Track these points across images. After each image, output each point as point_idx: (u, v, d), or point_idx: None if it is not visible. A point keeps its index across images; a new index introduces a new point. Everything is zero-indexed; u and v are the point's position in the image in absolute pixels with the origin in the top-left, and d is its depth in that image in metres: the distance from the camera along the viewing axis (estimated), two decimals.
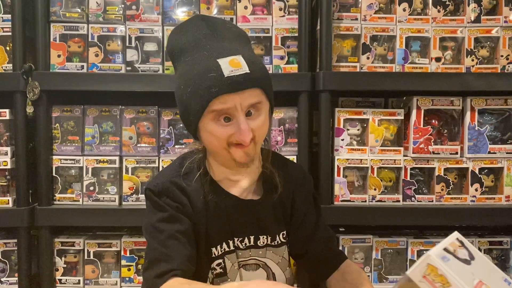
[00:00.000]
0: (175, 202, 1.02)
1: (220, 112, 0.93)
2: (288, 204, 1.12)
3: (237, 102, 0.91)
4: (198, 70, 0.92)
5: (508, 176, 1.61)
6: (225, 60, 0.91)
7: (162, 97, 1.65)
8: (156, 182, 1.05)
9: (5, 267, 1.64)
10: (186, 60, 0.96)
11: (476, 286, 0.64)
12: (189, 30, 0.99)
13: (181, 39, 0.99)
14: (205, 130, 0.96)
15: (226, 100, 0.91)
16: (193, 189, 1.04)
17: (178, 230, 1.00)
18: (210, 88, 0.90)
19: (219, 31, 0.98)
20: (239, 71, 0.91)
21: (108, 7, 1.62)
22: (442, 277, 0.64)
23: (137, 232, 1.69)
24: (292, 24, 1.62)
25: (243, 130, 0.92)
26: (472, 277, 0.66)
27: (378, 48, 1.63)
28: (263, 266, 1.11)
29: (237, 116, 0.93)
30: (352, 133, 1.62)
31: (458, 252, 0.69)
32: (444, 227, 1.73)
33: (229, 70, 0.90)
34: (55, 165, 1.62)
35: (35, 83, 1.54)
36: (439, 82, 1.57)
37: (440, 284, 0.64)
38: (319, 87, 1.55)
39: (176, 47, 1.00)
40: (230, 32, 1.00)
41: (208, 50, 0.94)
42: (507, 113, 1.64)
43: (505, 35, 1.61)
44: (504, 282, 0.69)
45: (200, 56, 0.93)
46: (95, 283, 1.64)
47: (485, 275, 0.67)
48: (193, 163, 1.06)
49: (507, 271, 1.66)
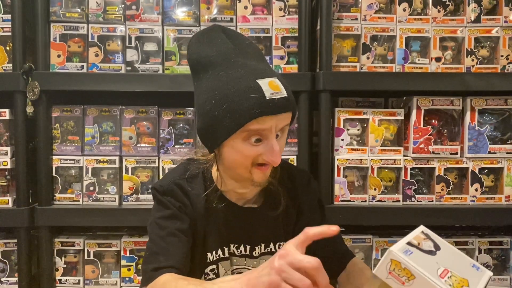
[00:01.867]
0: (179, 202, 1.05)
1: (254, 132, 0.93)
2: (294, 214, 1.13)
3: (273, 124, 0.93)
4: (236, 88, 0.92)
5: (508, 176, 1.61)
6: (265, 81, 0.92)
7: (162, 97, 1.65)
8: (162, 182, 1.09)
9: (5, 267, 1.64)
10: (217, 74, 0.95)
11: (441, 275, 0.65)
12: (213, 42, 0.99)
13: (206, 51, 0.98)
14: (231, 147, 0.96)
15: (264, 122, 0.92)
16: (195, 193, 1.07)
17: (179, 228, 1.03)
18: (252, 109, 0.90)
19: (242, 46, 0.99)
20: (279, 94, 0.93)
21: (108, 7, 1.62)
22: (406, 270, 0.65)
23: (137, 232, 1.69)
24: (292, 24, 1.62)
25: (275, 151, 0.94)
26: (436, 267, 0.67)
27: (378, 48, 1.63)
28: None
29: (270, 138, 0.94)
30: (352, 133, 1.62)
31: (422, 245, 0.71)
32: (444, 227, 1.73)
33: (270, 93, 0.92)
34: (55, 165, 1.62)
35: (35, 83, 1.54)
36: (439, 82, 1.57)
37: (405, 277, 0.66)
38: (319, 87, 1.55)
39: (202, 59, 0.99)
40: (252, 49, 1.01)
41: (243, 68, 0.94)
42: (507, 113, 1.64)
43: (505, 35, 1.61)
44: (473, 268, 0.70)
45: (235, 73, 0.93)
46: (95, 283, 1.64)
47: (451, 263, 0.69)
48: (197, 170, 1.09)
49: (507, 271, 1.67)
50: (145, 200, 1.63)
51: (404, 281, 0.66)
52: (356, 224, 1.62)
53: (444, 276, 0.66)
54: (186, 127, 1.66)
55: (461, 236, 1.68)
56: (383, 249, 1.63)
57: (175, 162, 1.62)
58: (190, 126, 1.66)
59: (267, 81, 0.92)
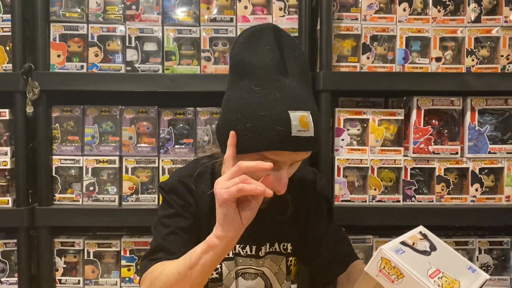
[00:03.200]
0: (182, 200, 1.06)
1: (269, 160, 0.91)
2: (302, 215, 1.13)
3: (290, 158, 0.91)
4: (266, 113, 0.89)
5: (508, 176, 1.61)
6: (297, 114, 0.89)
7: (162, 97, 1.65)
8: (168, 181, 1.10)
9: (5, 267, 1.64)
10: (253, 88, 0.91)
11: (431, 275, 0.66)
12: (260, 48, 0.94)
13: (251, 57, 0.93)
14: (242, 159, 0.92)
15: (282, 155, 0.90)
16: (201, 192, 1.07)
17: (181, 227, 1.03)
18: (273, 142, 0.88)
19: (289, 60, 0.95)
20: (306, 133, 0.89)
21: (108, 7, 1.62)
22: (395, 269, 0.66)
23: (137, 232, 1.69)
24: (292, 24, 1.62)
25: (283, 184, 0.92)
26: (428, 267, 0.68)
27: (378, 48, 1.63)
28: (261, 275, 1.12)
29: (282, 169, 0.92)
30: (352, 133, 1.62)
31: (417, 244, 0.71)
32: (444, 227, 1.73)
33: (297, 129, 0.88)
34: (55, 165, 1.62)
35: (35, 83, 1.54)
36: (439, 82, 1.57)
37: (394, 276, 0.66)
38: (319, 87, 1.55)
39: (244, 63, 0.94)
40: (299, 64, 0.97)
41: (280, 91, 0.90)
42: (507, 113, 1.64)
43: (505, 35, 1.61)
44: (468, 270, 0.70)
45: (270, 95, 0.90)
46: (95, 283, 1.64)
47: (445, 264, 0.69)
48: (207, 168, 1.08)
49: (507, 271, 1.67)
50: (145, 200, 1.63)
51: (394, 280, 0.66)
52: (356, 224, 1.62)
53: (434, 276, 0.66)
54: (186, 127, 1.66)
55: (461, 236, 1.68)
56: None
57: (175, 162, 1.62)
58: (190, 126, 1.66)
59: (298, 115, 0.89)
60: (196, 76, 1.59)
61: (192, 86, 1.56)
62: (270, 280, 1.13)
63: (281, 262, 1.13)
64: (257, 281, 1.12)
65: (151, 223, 1.10)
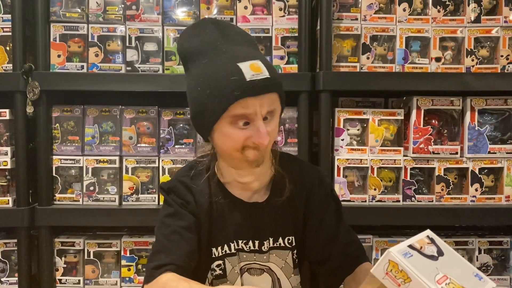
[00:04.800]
0: (181, 199, 1.07)
1: (240, 116, 0.94)
2: (301, 207, 1.11)
3: (257, 106, 0.93)
4: (218, 73, 0.93)
5: (508, 176, 1.61)
6: (246, 64, 0.93)
7: (162, 97, 1.65)
8: (168, 181, 1.12)
9: (5, 267, 1.64)
10: (202, 62, 0.97)
11: (438, 280, 0.65)
12: (201, 33, 1.00)
13: (194, 42, 0.99)
14: (220, 133, 0.97)
15: (247, 105, 0.92)
16: (199, 190, 1.08)
17: (182, 226, 1.04)
18: (233, 91, 0.91)
19: (231, 35, 1.00)
20: (260, 75, 0.92)
21: (108, 7, 1.62)
22: (403, 273, 0.65)
23: (137, 232, 1.69)
24: (292, 24, 1.62)
25: (262, 133, 0.94)
26: (435, 272, 0.67)
27: (378, 48, 1.63)
28: (267, 271, 1.11)
29: (256, 120, 0.94)
30: (352, 133, 1.62)
31: (425, 249, 0.70)
32: (444, 227, 1.73)
33: (250, 74, 0.92)
34: (55, 165, 1.62)
35: (35, 83, 1.54)
36: (439, 82, 1.57)
37: (401, 279, 0.66)
38: (319, 87, 1.55)
39: (189, 49, 1.00)
40: (241, 36, 1.02)
41: (226, 54, 0.95)
42: (507, 113, 1.64)
43: (505, 35, 1.61)
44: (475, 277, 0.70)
45: (218, 59, 0.94)
46: (95, 283, 1.64)
47: (452, 270, 0.68)
48: (202, 166, 1.10)
49: (507, 271, 1.67)
50: (145, 200, 1.63)
51: (400, 283, 0.66)
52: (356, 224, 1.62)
53: (441, 282, 0.65)
54: (186, 127, 1.66)
55: (461, 236, 1.68)
56: (383, 249, 1.63)
57: (175, 162, 1.62)
58: (190, 126, 1.66)
59: (248, 63, 0.93)
60: None
61: None
62: (277, 275, 1.12)
63: (287, 257, 1.12)
64: (263, 277, 1.12)
65: (151, 223, 1.11)
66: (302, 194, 1.11)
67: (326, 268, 1.12)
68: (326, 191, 1.16)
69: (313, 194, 1.13)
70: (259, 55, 1.00)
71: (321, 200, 1.13)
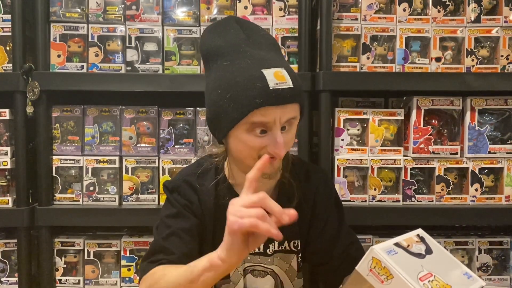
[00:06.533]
0: (185, 199, 1.06)
1: (258, 124, 0.92)
2: (308, 211, 1.11)
3: (277, 116, 0.92)
4: (241, 77, 0.91)
5: (508, 176, 1.61)
6: (270, 71, 0.91)
7: (162, 97, 1.65)
8: (172, 180, 1.11)
9: (5, 267, 1.64)
10: (224, 64, 0.94)
11: (421, 277, 0.65)
12: (225, 32, 0.98)
13: (217, 41, 0.97)
14: (236, 138, 0.95)
15: (267, 113, 0.91)
16: (205, 189, 1.07)
17: (182, 228, 1.03)
18: (254, 99, 0.89)
19: (255, 37, 0.98)
20: (284, 84, 0.91)
21: (108, 7, 1.62)
22: (385, 270, 0.66)
23: (137, 232, 1.69)
24: (292, 24, 1.62)
25: (278, 143, 0.92)
26: (419, 269, 0.67)
27: (378, 48, 1.63)
28: (271, 273, 1.11)
29: (274, 130, 0.93)
30: (352, 133, 1.62)
31: (412, 247, 0.71)
32: (444, 227, 1.73)
33: (274, 83, 0.90)
34: (55, 165, 1.62)
35: (35, 83, 1.54)
36: (439, 82, 1.57)
37: (384, 276, 0.66)
38: (319, 87, 1.55)
39: (212, 48, 0.98)
40: (266, 39, 1.00)
41: (250, 58, 0.93)
42: (507, 113, 1.64)
43: (505, 35, 1.61)
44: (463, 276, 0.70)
45: (242, 63, 0.92)
46: (95, 283, 1.64)
47: (439, 268, 0.68)
48: (211, 165, 1.09)
49: (507, 271, 1.67)
50: (145, 200, 1.63)
51: (383, 280, 0.66)
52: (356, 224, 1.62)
53: (424, 279, 0.65)
54: (186, 127, 1.66)
55: (461, 236, 1.68)
56: None
57: (175, 162, 1.62)
58: (190, 126, 1.66)
59: (272, 71, 0.91)
60: (196, 76, 1.59)
61: (192, 86, 1.56)
62: (280, 278, 1.12)
63: (291, 260, 1.12)
64: (267, 279, 1.12)
65: (151, 223, 1.10)
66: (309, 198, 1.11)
67: (327, 269, 1.12)
68: (331, 193, 1.16)
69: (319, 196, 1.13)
70: (284, 62, 0.97)
71: (325, 202, 1.14)
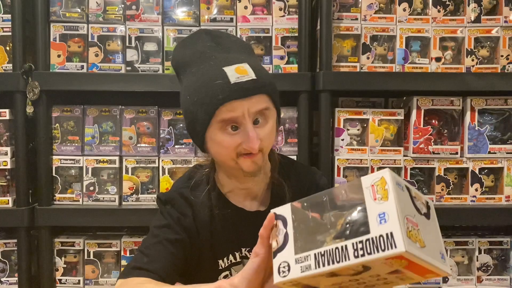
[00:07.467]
0: (178, 212, 1.04)
1: (228, 121, 0.92)
2: None
3: (245, 109, 0.91)
4: (204, 79, 0.92)
5: (508, 176, 1.61)
6: (231, 68, 0.91)
7: (162, 97, 1.65)
8: (166, 192, 1.10)
9: (5, 267, 1.64)
10: (191, 71, 0.96)
11: (408, 220, 0.64)
12: (193, 43, 0.99)
13: (185, 52, 0.99)
14: (212, 141, 0.95)
15: (234, 108, 0.90)
16: (199, 202, 1.05)
17: (168, 239, 1.01)
18: (217, 96, 0.89)
19: (224, 43, 0.98)
20: (246, 77, 0.90)
21: (108, 7, 1.62)
22: (385, 191, 0.65)
23: (137, 232, 1.69)
24: (292, 24, 1.62)
25: (251, 137, 0.91)
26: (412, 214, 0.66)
27: (378, 48, 1.63)
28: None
29: (244, 124, 0.92)
30: (352, 133, 1.62)
31: (420, 205, 0.70)
32: (444, 227, 1.72)
33: (235, 77, 0.90)
34: (55, 165, 1.62)
35: (35, 83, 1.54)
36: (439, 82, 1.57)
37: (380, 195, 0.66)
38: (319, 87, 1.55)
39: (180, 60, 0.99)
40: (235, 44, 1.00)
41: (214, 60, 0.93)
42: (507, 113, 1.64)
43: (505, 35, 1.62)
44: (438, 254, 0.69)
45: (206, 67, 0.93)
46: (95, 283, 1.64)
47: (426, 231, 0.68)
48: (202, 177, 1.08)
49: (507, 271, 1.67)
50: (145, 200, 1.63)
51: (377, 198, 0.66)
52: None
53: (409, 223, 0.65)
54: None
55: (461, 236, 1.68)
56: None
57: (175, 162, 1.62)
58: None
59: (234, 67, 0.91)
60: None
61: None
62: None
63: None
64: None
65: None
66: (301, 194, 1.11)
67: None
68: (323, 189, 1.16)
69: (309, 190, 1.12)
70: (249, 59, 0.96)
71: None
